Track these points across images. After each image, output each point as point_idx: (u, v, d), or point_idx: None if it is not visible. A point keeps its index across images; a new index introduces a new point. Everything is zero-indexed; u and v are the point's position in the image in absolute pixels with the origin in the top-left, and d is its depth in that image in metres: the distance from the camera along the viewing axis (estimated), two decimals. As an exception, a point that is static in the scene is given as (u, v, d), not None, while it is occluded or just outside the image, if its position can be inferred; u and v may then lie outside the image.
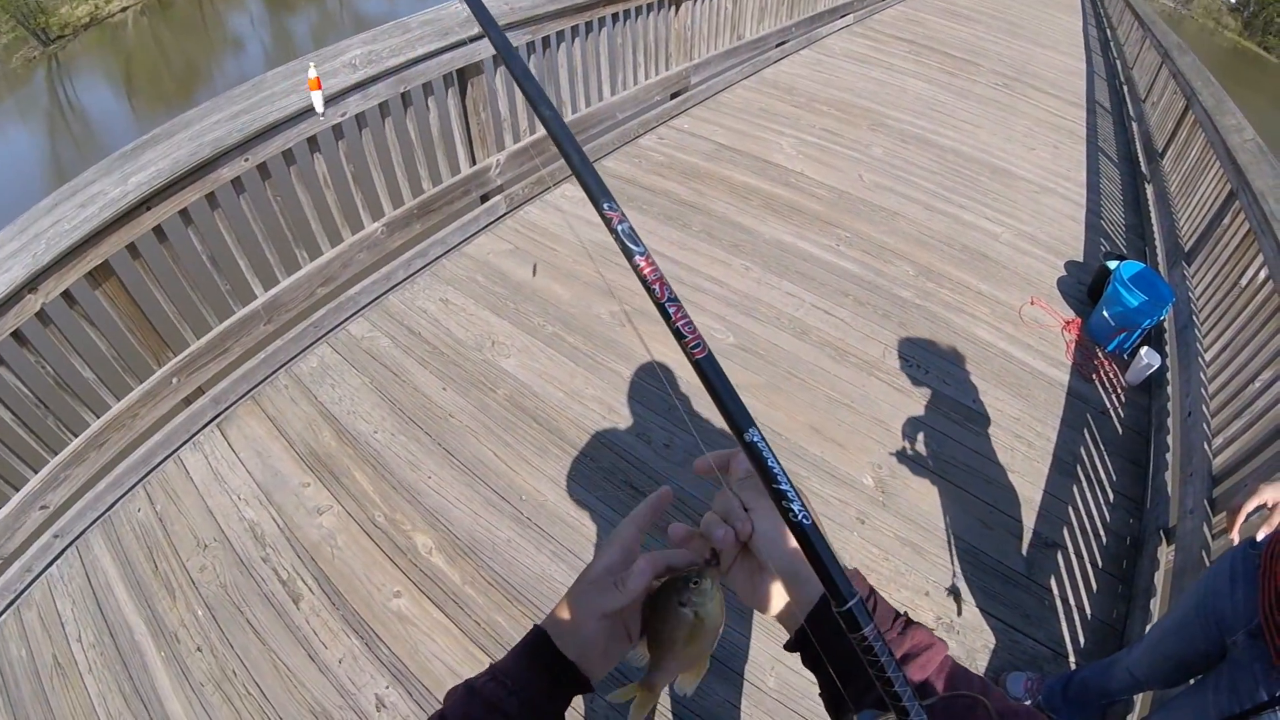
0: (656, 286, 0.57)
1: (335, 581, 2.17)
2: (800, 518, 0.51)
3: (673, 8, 4.38)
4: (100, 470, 2.35)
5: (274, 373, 2.79)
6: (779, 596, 0.60)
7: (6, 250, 1.90)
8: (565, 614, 0.60)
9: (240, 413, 2.66)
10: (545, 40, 3.45)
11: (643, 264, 0.58)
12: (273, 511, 2.35)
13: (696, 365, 0.55)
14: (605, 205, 0.61)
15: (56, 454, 2.21)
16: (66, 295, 2.09)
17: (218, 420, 2.63)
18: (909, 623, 0.59)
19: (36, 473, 2.17)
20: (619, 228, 0.59)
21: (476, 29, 2.50)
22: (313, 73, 2.51)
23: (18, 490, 2.14)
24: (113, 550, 2.27)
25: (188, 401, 2.57)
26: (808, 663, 0.60)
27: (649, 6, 4.13)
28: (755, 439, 0.53)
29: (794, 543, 0.53)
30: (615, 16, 3.88)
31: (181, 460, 2.50)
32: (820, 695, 0.59)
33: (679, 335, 0.55)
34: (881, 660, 0.48)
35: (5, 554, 2.12)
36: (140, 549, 2.26)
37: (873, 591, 0.59)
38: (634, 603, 0.60)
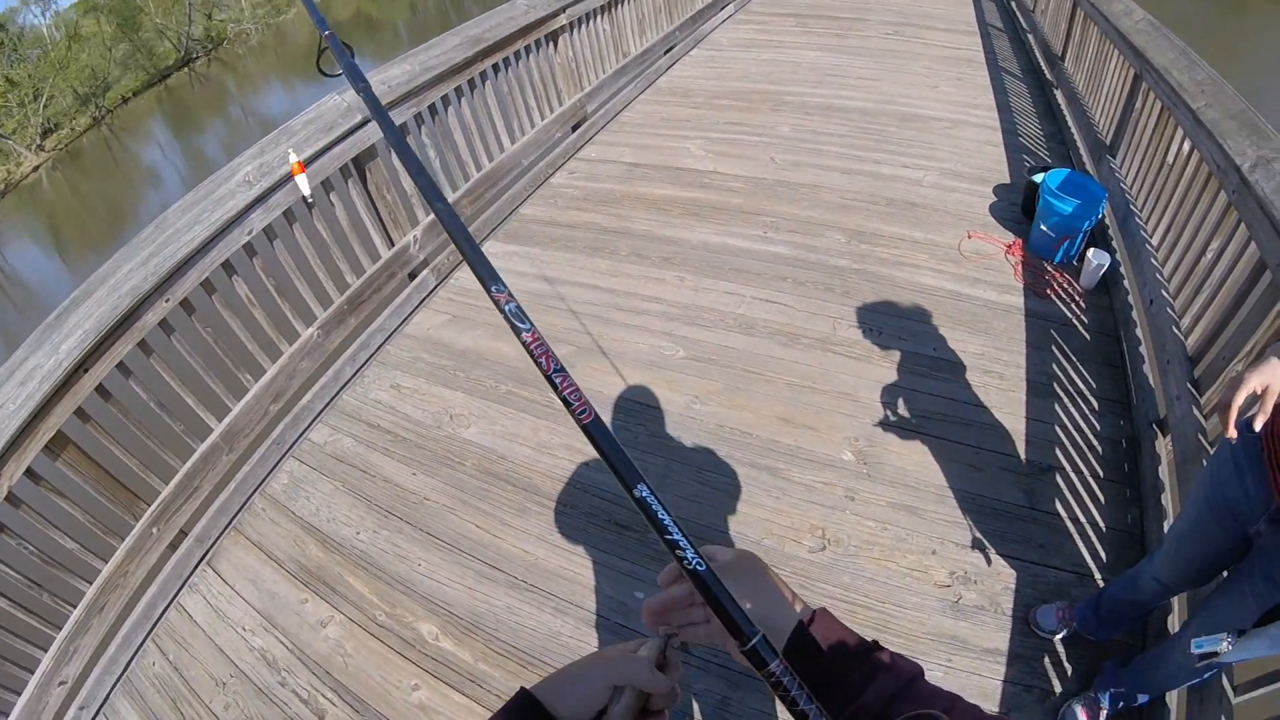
0: (543, 360, 0.61)
1: (353, 689, 2.15)
2: (694, 565, 0.53)
3: (550, 44, 4.41)
4: (107, 634, 2.33)
5: (248, 499, 2.77)
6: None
7: None
8: (567, 678, 0.61)
9: (226, 545, 2.63)
10: (431, 109, 3.46)
11: (529, 339, 0.62)
12: (279, 635, 2.32)
13: (585, 430, 0.57)
14: (494, 288, 0.66)
15: (60, 628, 2.19)
16: (29, 473, 2.07)
17: (206, 558, 2.60)
18: (877, 648, 0.60)
19: (46, 651, 2.15)
20: (506, 308, 0.64)
21: (360, 116, 2.53)
22: (293, 157, 2.69)
23: (32, 672, 2.12)
24: (138, 709, 2.24)
25: (173, 547, 2.54)
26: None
27: (526, 49, 4.16)
28: (643, 493, 0.55)
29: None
30: (495, 67, 3.90)
31: (182, 605, 2.48)
32: None
33: (567, 403, 0.58)
34: (792, 694, 0.49)
35: (37, 738, 2.10)
36: (164, 701, 2.23)
37: (813, 620, 0.62)
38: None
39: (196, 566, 2.57)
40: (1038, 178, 3.56)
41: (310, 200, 2.85)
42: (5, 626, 2.05)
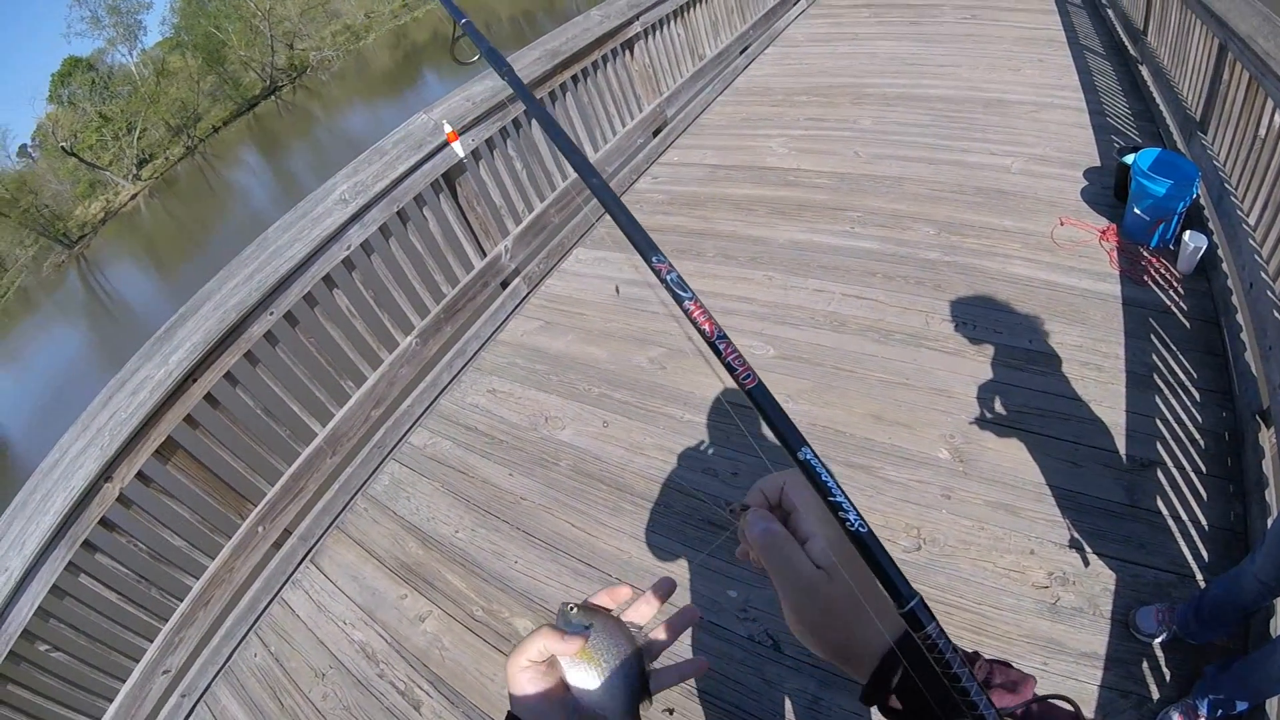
0: (706, 326, 0.61)
1: (450, 682, 2.23)
2: (856, 527, 0.52)
3: (626, 52, 4.46)
4: (211, 626, 2.47)
5: (351, 499, 2.89)
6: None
7: (75, 448, 2.04)
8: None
9: (329, 543, 2.76)
10: (516, 123, 3.54)
11: (692, 308, 0.62)
12: (378, 628, 2.43)
13: (749, 395, 0.57)
14: (654, 259, 0.66)
15: (167, 621, 2.34)
16: (141, 476, 2.23)
17: (310, 555, 2.73)
18: (988, 670, 0.58)
19: (152, 642, 2.30)
20: (668, 277, 0.64)
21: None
22: (448, 128, 3.04)
23: (137, 661, 2.27)
24: (239, 697, 2.37)
25: (277, 545, 2.68)
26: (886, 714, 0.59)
27: (603, 59, 4.22)
28: (808, 456, 0.54)
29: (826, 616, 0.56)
30: (575, 78, 3.97)
31: (285, 600, 2.61)
32: None
33: (730, 369, 0.59)
34: (947, 656, 0.49)
35: (138, 722, 2.25)
36: (264, 690, 2.36)
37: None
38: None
39: (300, 563, 2.71)
40: (1128, 159, 3.40)
41: (463, 159, 3.20)
42: (114, 618, 2.21)
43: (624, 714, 0.58)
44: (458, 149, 3.07)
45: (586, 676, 0.58)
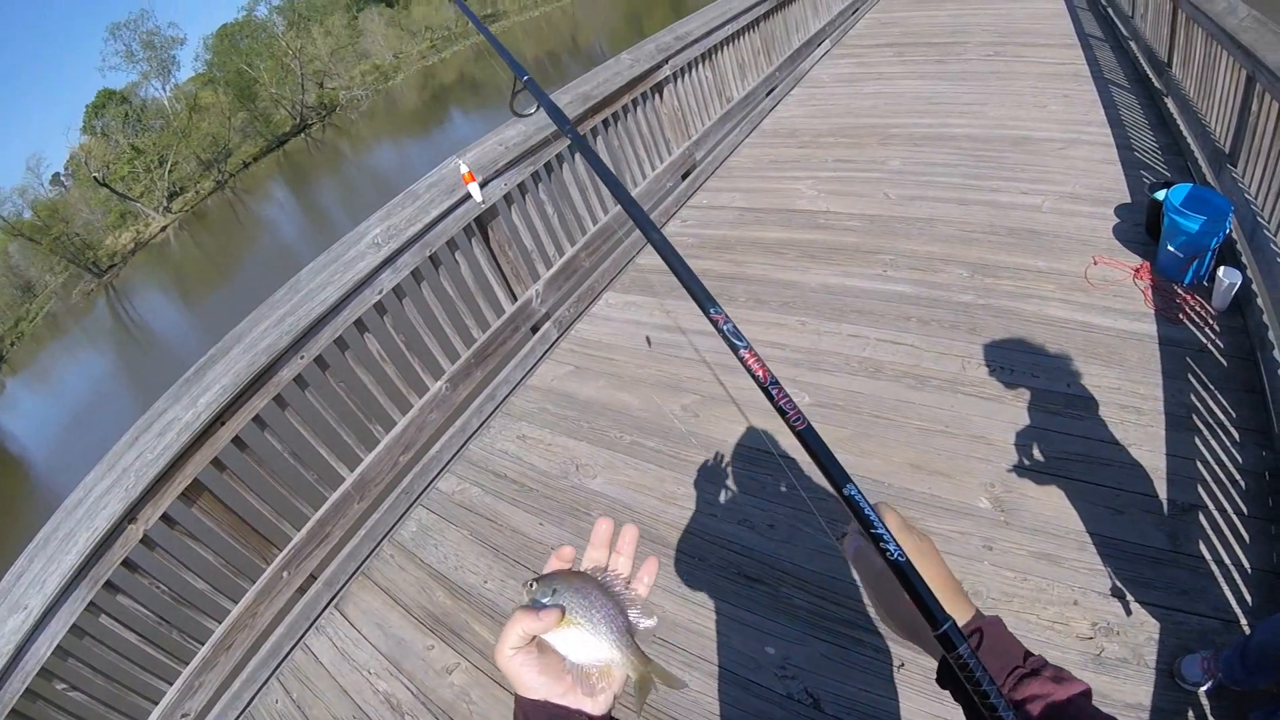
0: (760, 373, 0.68)
1: (476, 738, 2.18)
2: (896, 557, 0.60)
3: (656, 95, 4.50)
4: (232, 670, 2.45)
5: (377, 545, 2.87)
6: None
7: (100, 488, 2.04)
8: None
9: (354, 590, 2.74)
10: (547, 166, 3.57)
11: (747, 356, 0.69)
12: (404, 680, 2.39)
13: (799, 436, 0.65)
14: (711, 310, 0.74)
15: (187, 664, 2.32)
16: (165, 518, 2.22)
17: (334, 602, 2.71)
18: (1040, 664, 0.63)
19: (171, 684, 2.27)
20: (725, 328, 0.72)
21: (481, 177, 2.61)
22: (464, 169, 2.98)
23: (156, 704, 2.24)
24: None
25: (302, 590, 2.66)
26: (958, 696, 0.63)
27: (633, 102, 4.25)
28: (852, 493, 0.63)
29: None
30: (605, 122, 4.00)
31: (308, 646, 2.58)
32: None
33: (782, 412, 0.67)
34: (976, 675, 0.54)
35: (154, 768, 2.21)
36: None
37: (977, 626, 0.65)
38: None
39: (324, 609, 2.68)
40: (1159, 195, 3.38)
41: (483, 204, 3.14)
42: (133, 660, 2.19)
43: (625, 651, 0.62)
44: (474, 191, 3.05)
45: (575, 640, 0.61)
